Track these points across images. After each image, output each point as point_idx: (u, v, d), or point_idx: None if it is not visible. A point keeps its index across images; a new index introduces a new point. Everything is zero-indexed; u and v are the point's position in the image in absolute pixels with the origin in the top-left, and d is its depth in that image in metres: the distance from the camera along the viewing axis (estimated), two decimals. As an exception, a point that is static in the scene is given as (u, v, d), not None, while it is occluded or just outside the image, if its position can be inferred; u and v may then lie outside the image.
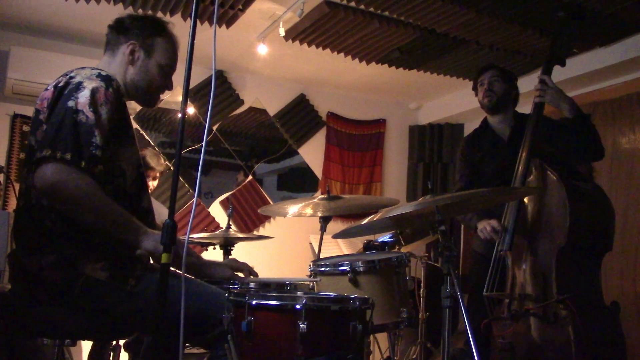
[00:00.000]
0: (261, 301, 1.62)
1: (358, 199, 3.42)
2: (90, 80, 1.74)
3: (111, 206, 1.67)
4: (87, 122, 1.66)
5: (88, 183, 1.63)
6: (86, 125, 1.66)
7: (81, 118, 1.66)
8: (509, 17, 3.47)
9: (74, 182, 1.61)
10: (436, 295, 1.80)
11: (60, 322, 1.74)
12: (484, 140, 3.01)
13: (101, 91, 1.72)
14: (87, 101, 1.68)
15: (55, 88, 1.76)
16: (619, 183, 3.94)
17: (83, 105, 1.68)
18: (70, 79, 1.75)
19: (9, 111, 4.19)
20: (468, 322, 1.66)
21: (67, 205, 1.64)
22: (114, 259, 1.73)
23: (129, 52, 1.90)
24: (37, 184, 1.63)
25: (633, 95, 3.95)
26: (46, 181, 1.60)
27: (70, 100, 1.68)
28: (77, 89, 1.71)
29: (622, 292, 3.75)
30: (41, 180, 1.61)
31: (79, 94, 1.69)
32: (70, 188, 1.61)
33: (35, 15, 3.91)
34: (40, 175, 1.61)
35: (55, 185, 1.60)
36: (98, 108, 1.70)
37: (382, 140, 5.54)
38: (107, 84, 1.75)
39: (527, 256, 2.55)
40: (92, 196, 1.63)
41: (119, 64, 1.92)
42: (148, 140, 4.61)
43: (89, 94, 1.69)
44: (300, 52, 4.25)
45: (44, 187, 1.62)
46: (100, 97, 1.72)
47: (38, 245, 1.72)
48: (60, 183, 1.60)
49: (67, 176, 1.61)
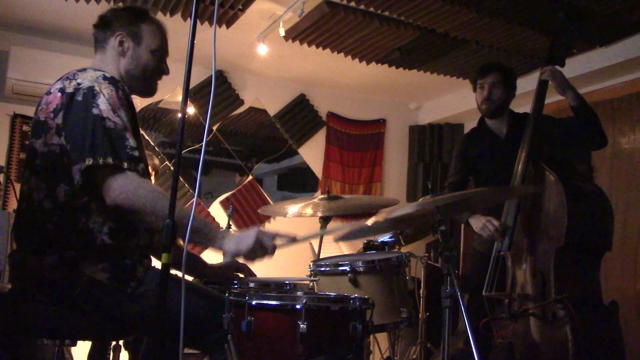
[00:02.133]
0: (261, 301, 1.62)
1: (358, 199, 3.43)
2: (99, 84, 1.74)
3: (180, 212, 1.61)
4: (116, 128, 1.69)
5: (151, 190, 1.66)
6: (116, 131, 1.68)
7: (109, 125, 1.68)
8: (509, 17, 3.47)
9: (138, 191, 1.64)
10: (436, 295, 1.80)
11: (60, 322, 1.74)
12: (481, 139, 3.02)
13: (113, 96, 1.74)
14: (109, 107, 1.70)
15: (63, 93, 1.74)
16: (619, 183, 3.94)
17: (107, 112, 1.69)
18: (78, 85, 1.74)
19: (9, 111, 4.19)
20: (468, 322, 1.66)
21: (137, 214, 1.66)
22: (115, 260, 1.73)
23: (118, 44, 1.90)
24: (108, 202, 1.66)
25: (633, 95, 3.95)
26: (116, 198, 1.63)
27: (93, 107, 1.69)
28: (92, 95, 1.71)
29: (622, 292, 3.75)
30: (111, 199, 1.64)
31: (98, 101, 1.70)
32: (139, 200, 1.63)
33: (35, 15, 3.91)
34: (108, 193, 1.64)
35: (125, 200, 1.63)
36: (119, 112, 1.72)
37: (382, 140, 5.54)
38: (115, 87, 1.76)
39: (527, 256, 2.56)
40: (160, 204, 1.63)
41: (111, 58, 1.91)
42: (148, 141, 4.61)
43: (107, 100, 1.71)
44: (300, 52, 4.25)
45: (117, 204, 1.64)
46: (115, 102, 1.73)
47: (39, 246, 1.72)
48: (129, 198, 1.63)
49: (133, 188, 1.64)
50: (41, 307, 1.73)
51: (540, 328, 2.44)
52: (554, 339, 2.37)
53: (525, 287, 2.54)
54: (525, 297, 2.51)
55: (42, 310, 1.73)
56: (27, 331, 1.84)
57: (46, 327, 1.77)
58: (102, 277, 1.70)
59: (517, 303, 2.54)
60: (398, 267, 2.24)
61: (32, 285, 1.73)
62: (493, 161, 2.93)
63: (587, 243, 2.50)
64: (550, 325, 2.39)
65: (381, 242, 3.39)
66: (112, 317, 1.73)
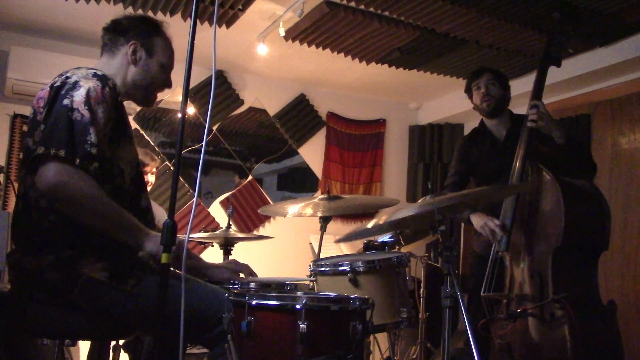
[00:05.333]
0: (261, 301, 1.61)
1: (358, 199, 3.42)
2: (87, 80, 1.74)
3: (112, 208, 1.67)
4: (82, 120, 1.67)
5: (90, 185, 1.63)
6: (81, 124, 1.66)
7: (76, 116, 1.67)
8: (509, 17, 3.47)
9: (76, 183, 1.61)
10: (436, 295, 1.80)
11: (60, 322, 1.74)
12: (481, 141, 3.02)
13: (97, 90, 1.73)
14: (83, 99, 1.69)
15: (51, 88, 1.76)
16: (619, 183, 3.94)
17: (79, 104, 1.68)
18: (66, 79, 1.75)
19: (9, 111, 4.19)
20: (468, 322, 1.66)
21: (68, 206, 1.64)
22: (113, 259, 1.73)
23: (132, 52, 1.92)
24: (38, 184, 1.63)
25: (633, 95, 3.95)
26: (48, 182, 1.60)
27: (66, 98, 1.69)
28: (73, 87, 1.71)
29: (622, 292, 3.75)
30: (42, 181, 1.61)
31: (74, 93, 1.70)
32: (71, 189, 1.61)
33: (35, 15, 3.91)
34: (42, 176, 1.61)
35: (57, 186, 1.60)
36: (94, 106, 1.70)
37: (382, 140, 5.54)
38: (103, 83, 1.76)
39: (524, 256, 2.56)
40: (94, 197, 1.64)
41: (119, 64, 1.93)
42: (148, 141, 4.61)
43: (85, 93, 1.70)
44: (300, 52, 4.25)
45: (45, 188, 1.61)
46: (97, 95, 1.72)
47: (37, 246, 1.72)
48: (62, 184, 1.60)
49: (68, 177, 1.61)
50: (41, 307, 1.73)
51: (538, 328, 2.44)
52: (553, 339, 2.37)
53: (523, 287, 2.54)
54: (523, 297, 2.51)
55: (42, 310, 1.73)
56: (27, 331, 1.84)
57: (46, 327, 1.77)
58: (101, 276, 1.70)
59: (515, 303, 2.54)
60: (398, 267, 2.24)
61: (31, 285, 1.72)
62: (493, 162, 2.93)
63: (584, 242, 2.50)
64: (549, 325, 2.39)
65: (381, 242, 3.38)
66: (112, 315, 1.73)
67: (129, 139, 1.89)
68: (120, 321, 1.76)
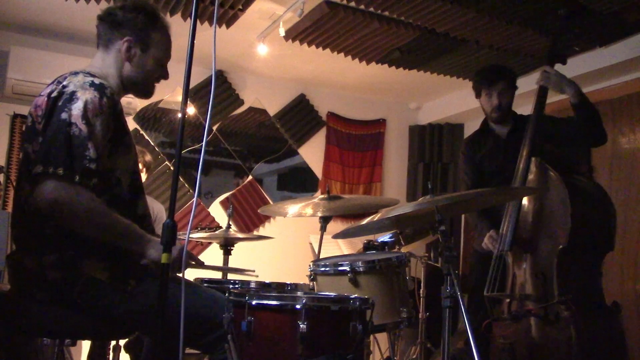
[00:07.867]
0: (261, 301, 1.62)
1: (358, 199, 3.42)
2: (84, 90, 1.70)
3: (113, 219, 1.67)
4: (80, 135, 1.64)
5: (87, 198, 1.63)
6: (79, 139, 1.64)
7: (74, 131, 1.65)
8: (509, 17, 3.47)
9: (73, 199, 1.61)
10: (436, 295, 1.80)
11: (60, 322, 1.74)
12: (484, 141, 3.02)
13: (95, 102, 1.69)
14: (80, 113, 1.66)
15: (49, 98, 1.72)
16: (619, 183, 3.94)
17: (76, 118, 1.65)
18: (63, 88, 1.72)
19: (9, 111, 4.19)
20: (468, 322, 1.65)
21: (69, 222, 1.64)
22: (114, 259, 1.73)
23: (125, 49, 1.87)
24: (37, 202, 1.62)
25: (633, 95, 3.95)
26: (46, 200, 1.60)
27: (63, 112, 1.66)
28: (70, 100, 1.68)
29: (623, 292, 3.75)
30: (41, 200, 1.61)
31: (72, 106, 1.67)
32: (69, 205, 1.61)
33: (35, 15, 3.90)
34: (40, 195, 1.61)
35: (54, 203, 1.60)
36: (91, 120, 1.67)
37: (382, 140, 5.54)
38: (101, 94, 1.72)
39: (528, 256, 2.55)
40: (93, 212, 1.64)
41: (114, 60, 1.89)
42: (148, 141, 4.61)
43: (82, 106, 1.67)
44: (300, 52, 4.25)
45: (45, 206, 1.61)
46: (94, 108, 1.69)
47: (38, 246, 1.72)
48: (60, 201, 1.60)
49: (65, 193, 1.60)
50: (41, 307, 1.72)
51: (542, 329, 2.43)
52: (557, 340, 2.36)
53: (525, 287, 2.53)
54: (526, 297, 2.51)
55: (42, 310, 1.73)
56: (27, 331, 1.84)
57: (46, 327, 1.77)
58: (102, 276, 1.70)
59: (517, 303, 2.53)
60: (398, 267, 2.24)
61: (32, 285, 1.72)
62: (495, 161, 2.93)
63: (590, 243, 2.48)
64: (553, 326, 2.38)
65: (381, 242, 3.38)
66: (112, 315, 1.73)
67: (127, 148, 1.85)
68: (120, 321, 1.76)
